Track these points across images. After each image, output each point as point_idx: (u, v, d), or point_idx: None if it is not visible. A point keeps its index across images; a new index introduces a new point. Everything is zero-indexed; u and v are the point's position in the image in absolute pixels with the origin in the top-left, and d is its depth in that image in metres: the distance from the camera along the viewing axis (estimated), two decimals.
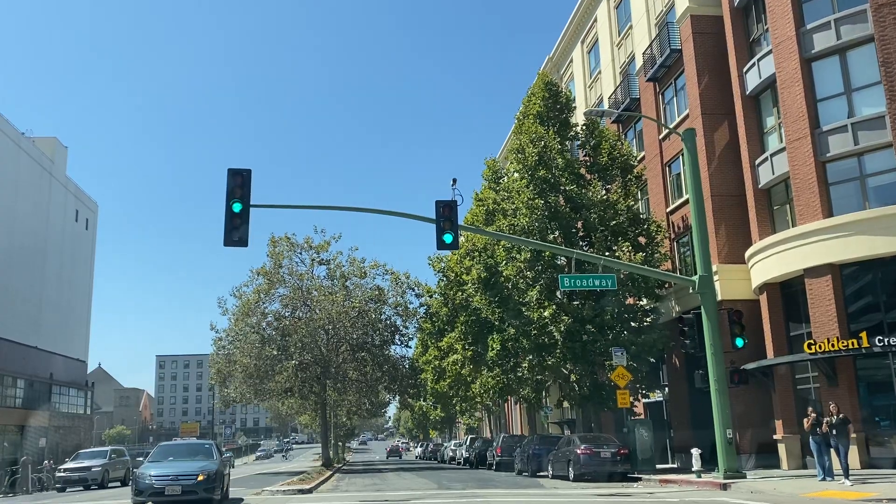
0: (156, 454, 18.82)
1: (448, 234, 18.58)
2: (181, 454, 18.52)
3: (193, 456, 18.20)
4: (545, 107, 28.98)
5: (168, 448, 19.89)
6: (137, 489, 16.54)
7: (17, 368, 45.73)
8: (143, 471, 16.91)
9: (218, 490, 17.10)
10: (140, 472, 16.83)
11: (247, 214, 18.33)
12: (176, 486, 16.31)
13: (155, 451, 19.19)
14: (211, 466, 17.17)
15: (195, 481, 16.47)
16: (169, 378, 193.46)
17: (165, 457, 18.27)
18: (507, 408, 58.07)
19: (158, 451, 19.10)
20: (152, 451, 19.43)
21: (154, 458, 18.43)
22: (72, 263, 78.04)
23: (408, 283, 44.23)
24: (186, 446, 20.99)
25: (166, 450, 19.37)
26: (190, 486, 16.39)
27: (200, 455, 18.28)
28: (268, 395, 45.47)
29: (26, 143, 69.88)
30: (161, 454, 18.68)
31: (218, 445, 20.70)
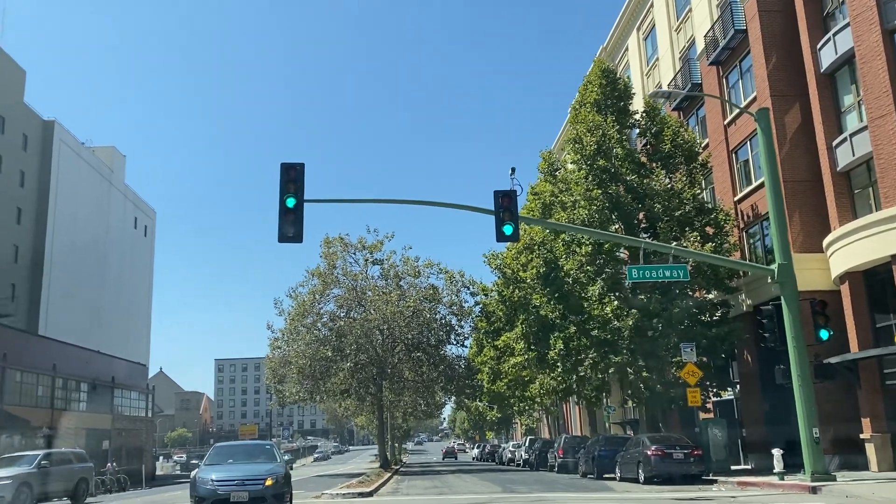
0: (213, 456, 17.00)
1: (508, 225, 17.76)
2: (241, 456, 16.96)
3: (254, 458, 16.72)
4: (602, 94, 27.90)
5: (226, 449, 18.09)
6: (198, 496, 14.91)
7: (80, 372, 46.56)
8: (202, 475, 15.29)
9: (288, 495, 15.62)
10: (199, 476, 15.19)
11: (301, 210, 17.83)
12: (242, 492, 14.64)
13: (212, 453, 17.31)
14: (278, 469, 15.70)
15: (263, 486, 14.86)
16: (227, 381, 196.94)
17: (224, 459, 16.62)
18: (566, 408, 56.82)
19: (216, 453, 17.29)
20: (209, 453, 17.47)
21: (212, 460, 16.64)
22: (131, 269, 79.71)
23: (462, 281, 43.65)
24: (246, 447, 19.12)
25: (224, 451, 17.63)
26: (258, 492, 14.75)
27: (262, 457, 16.81)
28: (324, 396, 45.34)
29: (86, 153, 71.62)
30: (219, 456, 16.95)
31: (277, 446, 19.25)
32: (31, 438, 39.96)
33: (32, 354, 41.30)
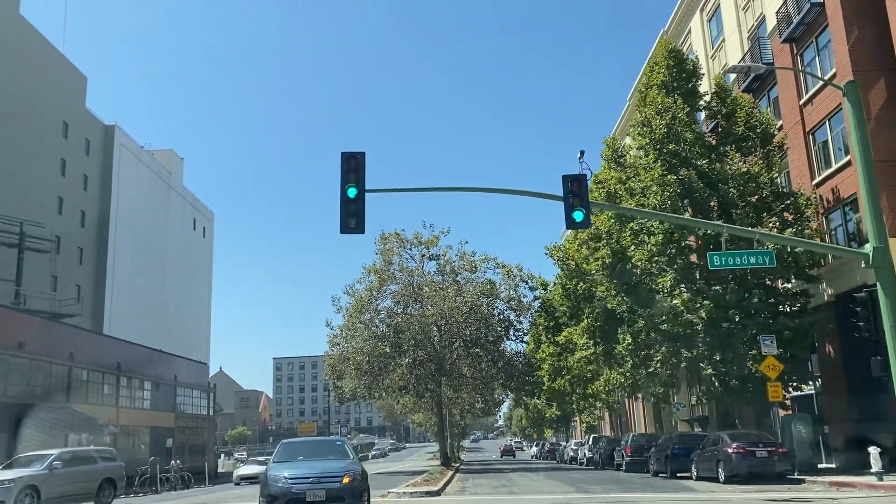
0: (282, 453, 16.01)
1: (578, 210, 16.86)
2: (311, 453, 16.03)
3: (325, 454, 15.81)
4: (670, 76, 26.69)
5: (295, 446, 17.09)
6: (270, 494, 13.83)
7: (143, 370, 47.25)
8: (274, 472, 14.29)
9: (366, 494, 14.53)
10: (272, 475, 14.22)
11: (362, 200, 17.26)
12: (319, 491, 13.57)
13: (280, 450, 16.27)
14: (354, 467, 14.64)
15: (340, 484, 13.81)
16: (285, 379, 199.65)
17: (294, 455, 15.66)
18: (629, 405, 55.36)
19: (285, 450, 16.25)
20: (277, 450, 16.42)
21: (281, 457, 15.68)
22: (191, 270, 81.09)
23: (520, 275, 42.72)
24: (315, 443, 18.12)
25: (293, 448, 16.68)
26: (335, 490, 13.68)
27: (333, 453, 15.91)
28: (382, 393, 45.01)
29: (146, 157, 73.02)
30: (288, 453, 15.97)
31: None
32: (98, 436, 40.61)
33: (98, 353, 41.99)
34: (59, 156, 56.91)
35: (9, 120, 49.40)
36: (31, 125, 52.41)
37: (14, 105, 50.23)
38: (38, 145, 53.38)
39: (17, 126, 50.41)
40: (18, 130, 50.49)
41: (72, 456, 23.06)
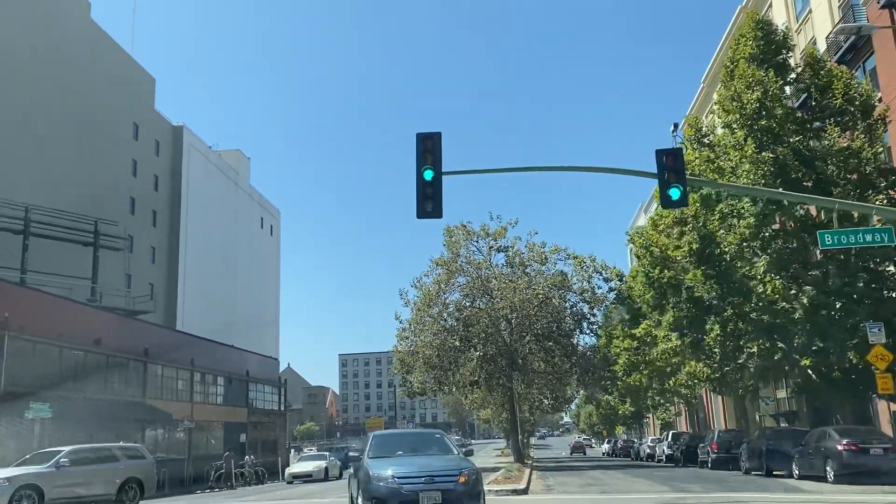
0: (377, 447, 13.85)
1: (674, 187, 15.62)
2: (410, 447, 14.09)
3: (426, 449, 13.95)
4: (758, 48, 24.97)
5: (389, 439, 15.09)
6: (376, 497, 11.87)
7: (216, 366, 47.65)
8: (375, 470, 12.25)
9: (483, 497, 12.51)
10: (374, 473, 12.17)
11: (439, 182, 16.45)
12: (433, 492, 11.61)
13: (374, 444, 14.06)
14: (467, 464, 12.74)
15: (456, 485, 11.84)
16: (351, 376, 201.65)
17: (391, 451, 13.64)
18: (707, 400, 53.21)
19: (379, 444, 14.11)
20: (370, 444, 14.13)
21: (377, 451, 13.57)
22: (259, 268, 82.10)
23: (594, 266, 41.29)
24: (413, 436, 16.12)
25: (388, 441, 14.64)
26: (452, 494, 11.72)
27: (434, 448, 14.07)
28: (452, 388, 44.25)
29: (214, 156, 74.13)
30: (384, 447, 13.91)
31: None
32: (173, 431, 41.04)
33: (172, 349, 42.44)
34: (131, 157, 58.07)
35: (82, 123, 50.52)
36: (104, 127, 53.53)
37: (87, 108, 51.35)
38: (111, 147, 54.51)
39: (91, 128, 51.53)
40: (92, 133, 51.61)
41: (87, 453, 21.13)
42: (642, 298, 31.83)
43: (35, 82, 45.78)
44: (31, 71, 45.53)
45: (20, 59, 44.64)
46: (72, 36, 50.76)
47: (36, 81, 45.92)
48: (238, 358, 52.44)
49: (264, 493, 28.47)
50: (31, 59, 45.56)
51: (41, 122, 45.93)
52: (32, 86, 45.51)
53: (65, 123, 48.51)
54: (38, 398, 26.45)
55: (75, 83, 50.22)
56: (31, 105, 45.10)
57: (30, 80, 45.35)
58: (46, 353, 31.74)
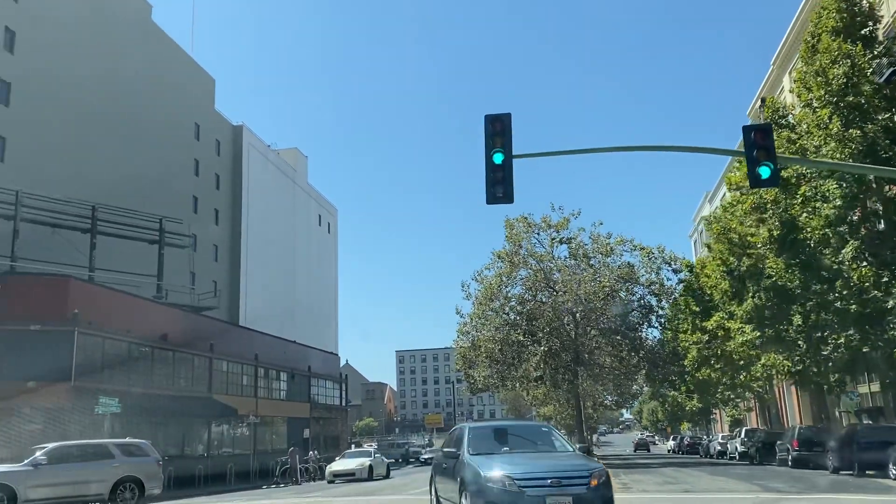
0: (477, 442, 11.69)
1: (764, 166, 14.56)
2: (517, 442, 12.01)
3: (536, 445, 11.97)
4: (841, 21, 23.47)
5: (490, 432, 12.63)
6: (488, 501, 9.96)
7: (279, 361, 47.93)
8: (486, 469, 10.27)
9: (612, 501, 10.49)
10: (485, 474, 10.16)
11: (510, 166, 15.76)
12: (562, 497, 9.78)
13: (472, 438, 11.81)
14: (595, 464, 10.86)
15: (588, 487, 9.96)
16: (408, 372, 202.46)
17: (495, 446, 11.65)
18: (779, 395, 51.13)
19: (479, 437, 11.94)
20: (467, 438, 11.84)
21: (478, 447, 11.46)
22: (318, 265, 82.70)
23: (662, 257, 39.98)
24: (516, 429, 13.34)
25: (488, 435, 12.40)
26: (583, 498, 9.86)
27: (545, 443, 12.10)
28: (515, 383, 43.50)
29: (272, 155, 74.85)
30: (485, 442, 11.81)
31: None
32: (239, 426, 41.36)
33: (236, 344, 42.79)
34: (193, 156, 58.90)
35: (146, 123, 51.39)
36: (167, 128, 54.39)
37: (150, 109, 52.22)
38: (174, 147, 55.38)
39: (154, 129, 52.39)
40: (155, 133, 52.47)
41: (72, 450, 19.60)
42: (716, 289, 30.49)
43: (100, 85, 46.70)
44: (96, 74, 46.43)
45: (85, 62, 45.56)
46: (134, 39, 51.66)
47: (100, 84, 46.83)
48: (300, 353, 52.71)
49: (327, 490, 28.18)
50: (95, 62, 46.47)
51: (106, 123, 46.84)
52: (97, 88, 46.43)
53: (129, 124, 49.38)
54: (106, 393, 26.73)
55: (138, 85, 51.09)
56: (96, 107, 46.02)
57: (95, 83, 46.27)
58: (115, 348, 32.21)
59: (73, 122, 43.82)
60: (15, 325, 27.80)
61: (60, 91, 43.09)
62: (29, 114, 40.59)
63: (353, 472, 33.14)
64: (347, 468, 33.53)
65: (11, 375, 27.46)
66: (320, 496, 23.10)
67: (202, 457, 36.47)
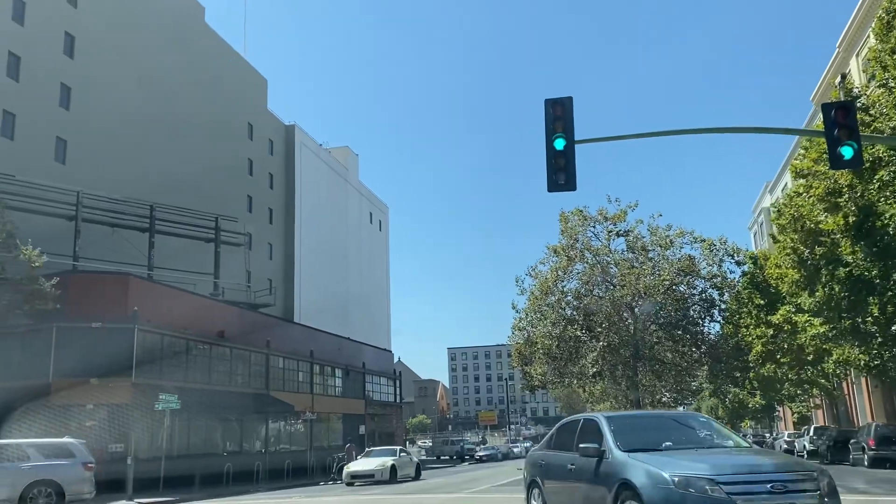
0: (624, 435, 9.10)
1: (847, 146, 13.67)
2: (676, 436, 9.36)
3: (699, 438, 9.52)
4: None
5: (635, 424, 10.15)
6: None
7: (334, 358, 48.06)
8: (664, 470, 7.78)
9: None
10: (665, 476, 7.69)
11: (572, 152, 15.13)
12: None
13: (616, 431, 9.20)
14: (811, 465, 9.07)
15: (818, 496, 7.63)
16: (460, 369, 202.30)
17: (653, 441, 9.03)
18: (850, 391, 49.09)
19: (624, 430, 9.31)
20: (608, 430, 9.22)
21: (630, 442, 8.89)
22: (370, 262, 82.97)
23: (725, 249, 38.65)
24: (668, 420, 10.61)
25: (633, 427, 9.81)
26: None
27: (710, 435, 9.72)
28: (573, 380, 42.62)
29: (324, 154, 75.31)
30: (636, 436, 9.22)
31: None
32: (295, 423, 41.53)
33: (292, 341, 42.99)
34: (247, 156, 59.57)
35: (201, 124, 52.10)
36: (221, 128, 55.09)
37: (204, 110, 52.94)
38: (228, 147, 56.07)
39: (209, 129, 53.10)
40: (210, 133, 53.18)
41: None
42: (783, 280, 29.19)
43: (155, 86, 47.48)
44: (152, 76, 47.22)
45: (141, 65, 46.36)
46: (188, 40, 52.41)
47: (156, 86, 47.62)
48: (354, 350, 52.79)
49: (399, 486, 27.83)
50: (150, 64, 47.26)
51: (162, 124, 47.60)
52: (153, 90, 47.20)
53: (185, 125, 50.13)
54: (166, 390, 26.98)
55: (193, 86, 51.84)
56: (152, 108, 46.79)
57: (150, 85, 47.06)
58: (174, 345, 32.57)
59: (131, 123, 44.62)
60: (77, 322, 28.29)
61: (118, 93, 43.93)
62: (88, 116, 41.49)
63: (373, 473, 29.84)
64: (366, 469, 30.40)
65: (75, 373, 27.97)
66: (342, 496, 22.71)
67: (260, 453, 36.69)
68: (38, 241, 26.07)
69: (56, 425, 25.90)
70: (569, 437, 10.43)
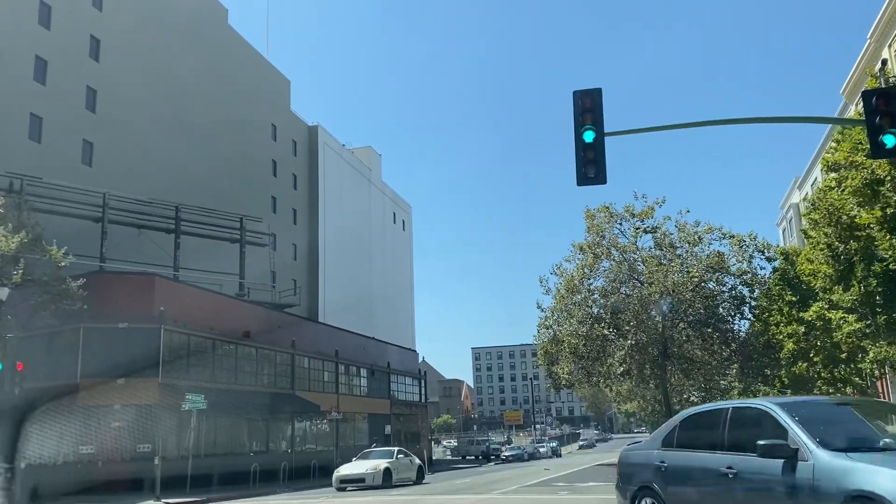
0: (818, 427, 7.10)
1: (890, 134, 13.08)
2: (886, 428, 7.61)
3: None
4: None
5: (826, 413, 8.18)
6: None
7: (359, 358, 47.96)
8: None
9: None
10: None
11: (601, 144, 14.79)
12: None
13: (804, 424, 7.15)
14: None
15: None
16: (484, 369, 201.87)
17: (860, 437, 7.19)
18: (882, 390, 48.01)
19: (812, 422, 7.20)
20: (794, 424, 7.17)
21: (831, 439, 6.91)
22: (393, 262, 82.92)
23: (755, 245, 37.95)
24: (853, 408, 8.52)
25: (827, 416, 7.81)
26: None
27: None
28: (600, 379, 42.15)
29: (347, 154, 75.38)
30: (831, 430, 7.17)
31: None
32: (321, 422, 41.46)
33: (317, 341, 42.94)
34: (271, 157, 59.76)
35: (225, 126, 52.31)
36: (245, 130, 55.32)
37: (228, 112, 53.15)
38: (252, 148, 56.28)
39: (233, 131, 53.32)
40: (234, 135, 53.40)
41: None
42: (816, 276, 28.45)
43: (179, 88, 47.74)
44: (175, 78, 47.49)
45: (165, 67, 46.62)
46: (212, 43, 52.65)
47: (181, 87, 47.89)
48: (379, 350, 52.68)
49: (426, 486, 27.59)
50: (174, 66, 47.52)
51: (186, 126, 47.84)
52: (177, 92, 47.47)
53: (208, 126, 50.37)
54: (192, 390, 26.97)
55: (217, 89, 52.08)
56: (176, 110, 47.05)
57: (175, 87, 47.33)
58: (200, 345, 32.61)
59: (155, 125, 44.89)
60: (104, 323, 28.40)
61: (142, 96, 44.21)
62: (114, 119, 41.79)
63: (363, 477, 27.00)
64: (356, 472, 27.41)
65: (101, 373, 28.07)
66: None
67: (286, 453, 36.64)
68: (64, 243, 26.18)
69: (84, 426, 25.99)
70: (706, 432, 8.51)
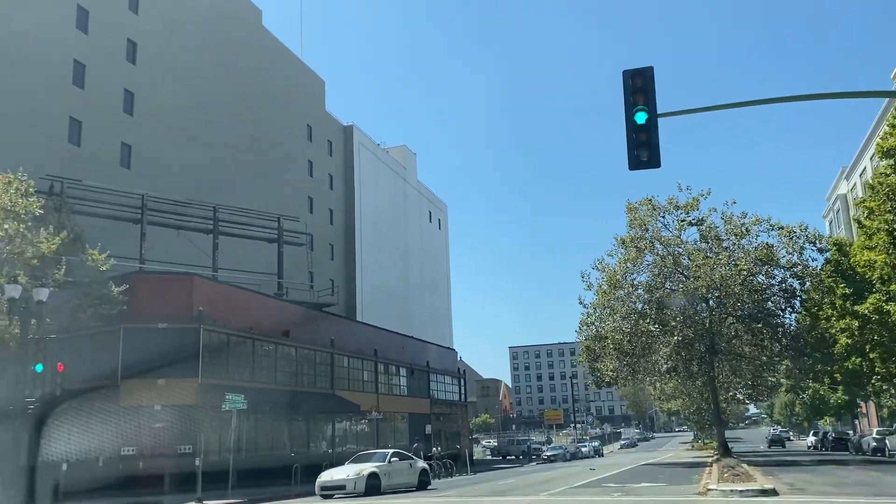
0: None
1: None
2: None
3: None
4: None
5: None
6: None
7: (398, 357, 47.53)
8: None
9: None
10: None
11: (654, 126, 14.02)
12: None
13: None
14: None
15: None
16: (522, 368, 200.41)
17: None
18: None
19: None
20: None
21: None
22: (430, 261, 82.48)
23: (806, 236, 36.56)
24: None
25: None
26: None
27: None
28: (646, 375, 41.04)
29: (382, 154, 75.14)
30: None
31: None
32: (360, 422, 41.08)
33: (355, 340, 42.57)
34: (307, 157, 59.74)
35: (261, 127, 52.36)
36: (281, 130, 55.35)
37: (265, 113, 53.20)
38: (288, 149, 56.31)
39: (269, 132, 53.36)
40: (270, 136, 53.44)
41: None
42: (875, 266, 27.16)
43: (216, 90, 47.84)
44: (212, 79, 47.60)
45: (201, 69, 46.75)
46: (247, 44, 52.72)
47: (217, 89, 47.98)
48: (418, 349, 52.19)
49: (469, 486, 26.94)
50: (210, 68, 47.64)
51: (223, 127, 47.93)
52: (214, 93, 47.58)
53: (246, 128, 50.44)
54: (232, 390, 26.70)
55: (253, 89, 52.12)
56: (212, 112, 47.14)
57: (212, 88, 47.44)
58: (239, 345, 32.40)
59: (192, 126, 45.01)
60: (144, 323, 28.30)
61: (179, 98, 44.36)
62: (150, 121, 41.96)
63: (343, 484, 23.36)
64: (335, 479, 23.65)
65: (142, 374, 27.97)
66: None
67: (327, 453, 36.31)
68: (103, 244, 26.11)
69: (124, 426, 25.88)
70: None
